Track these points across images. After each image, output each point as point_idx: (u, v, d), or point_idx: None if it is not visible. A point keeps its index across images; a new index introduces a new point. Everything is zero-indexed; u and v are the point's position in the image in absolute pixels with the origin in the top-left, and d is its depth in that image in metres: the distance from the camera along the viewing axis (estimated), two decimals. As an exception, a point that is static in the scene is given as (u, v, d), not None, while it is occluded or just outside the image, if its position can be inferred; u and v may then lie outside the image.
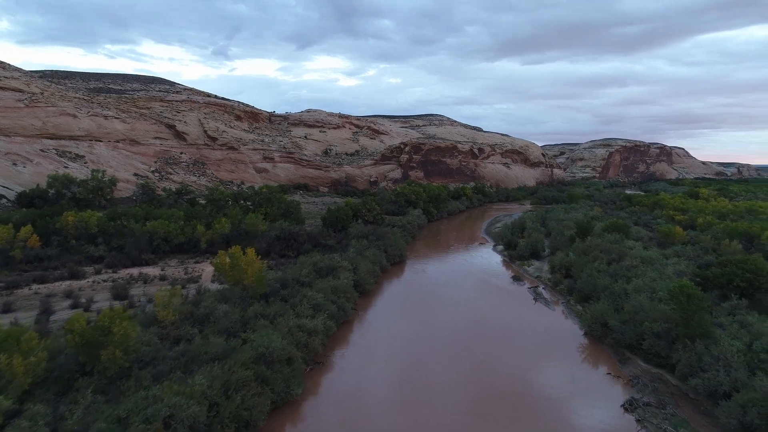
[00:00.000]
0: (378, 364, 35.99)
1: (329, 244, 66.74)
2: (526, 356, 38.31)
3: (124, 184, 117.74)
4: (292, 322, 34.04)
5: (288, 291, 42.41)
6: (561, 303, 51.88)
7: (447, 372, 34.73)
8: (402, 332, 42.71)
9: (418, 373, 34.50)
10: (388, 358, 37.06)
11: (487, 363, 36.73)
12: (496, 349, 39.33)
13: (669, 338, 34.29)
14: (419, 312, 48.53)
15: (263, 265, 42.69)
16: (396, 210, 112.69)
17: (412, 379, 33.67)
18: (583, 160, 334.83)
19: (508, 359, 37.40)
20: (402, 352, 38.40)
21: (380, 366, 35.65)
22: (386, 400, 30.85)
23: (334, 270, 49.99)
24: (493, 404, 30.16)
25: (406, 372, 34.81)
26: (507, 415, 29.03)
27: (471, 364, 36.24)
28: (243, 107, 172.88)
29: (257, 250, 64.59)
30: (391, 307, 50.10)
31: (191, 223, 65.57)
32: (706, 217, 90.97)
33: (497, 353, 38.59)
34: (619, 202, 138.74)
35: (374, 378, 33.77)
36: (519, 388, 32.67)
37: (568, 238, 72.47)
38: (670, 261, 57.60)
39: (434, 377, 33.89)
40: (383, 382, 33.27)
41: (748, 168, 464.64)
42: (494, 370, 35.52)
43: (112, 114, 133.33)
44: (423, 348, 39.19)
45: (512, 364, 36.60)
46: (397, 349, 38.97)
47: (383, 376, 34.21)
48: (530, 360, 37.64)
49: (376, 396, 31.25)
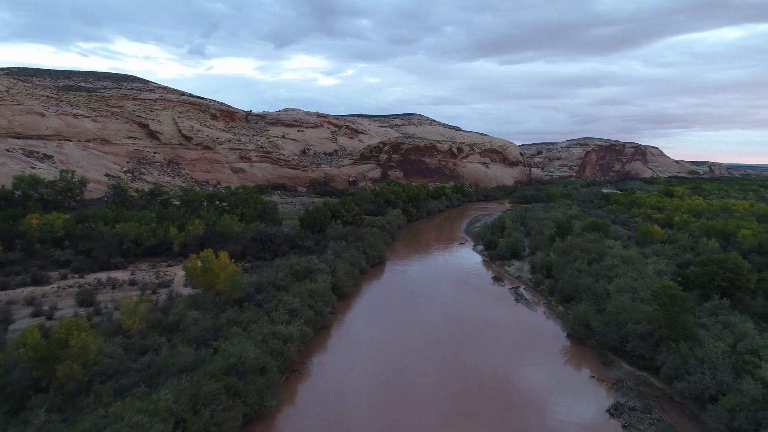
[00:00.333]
0: (357, 369, 34.71)
1: (307, 246, 65.20)
2: (508, 360, 37.45)
3: (95, 185, 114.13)
4: (267, 328, 32.55)
5: (263, 295, 40.83)
6: (542, 304, 51.28)
7: (428, 377, 33.64)
8: (381, 336, 41.52)
9: (398, 379, 33.34)
10: (368, 364, 35.82)
11: (468, 366, 35.75)
12: (477, 352, 38.38)
13: (653, 340, 33.74)
14: (399, 315, 47.39)
15: (237, 269, 41.01)
16: (375, 210, 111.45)
17: (391, 384, 32.49)
18: (560, 160, 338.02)
19: (490, 363, 36.46)
20: (381, 356, 37.20)
21: (359, 372, 34.37)
22: (366, 406, 29.61)
23: (312, 273, 48.54)
24: (475, 409, 29.15)
25: (385, 377, 33.62)
26: (491, 422, 28.03)
27: (452, 368, 35.21)
28: (219, 106, 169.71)
29: (232, 252, 63.02)
30: (370, 310, 48.87)
31: (163, 225, 63.37)
32: (683, 215, 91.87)
33: (478, 356, 37.63)
34: (596, 201, 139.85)
35: (353, 384, 32.48)
36: (502, 393, 31.75)
37: (548, 237, 72.15)
38: (650, 260, 57.53)
39: (414, 382, 32.76)
40: (362, 388, 32.01)
41: (720, 167, 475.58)
42: (476, 373, 34.54)
43: (83, 113, 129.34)
44: (403, 352, 38.04)
45: (494, 368, 35.68)
46: (377, 353, 37.75)
47: (362, 382, 32.94)
48: (513, 363, 36.79)
49: (356, 403, 29.98)
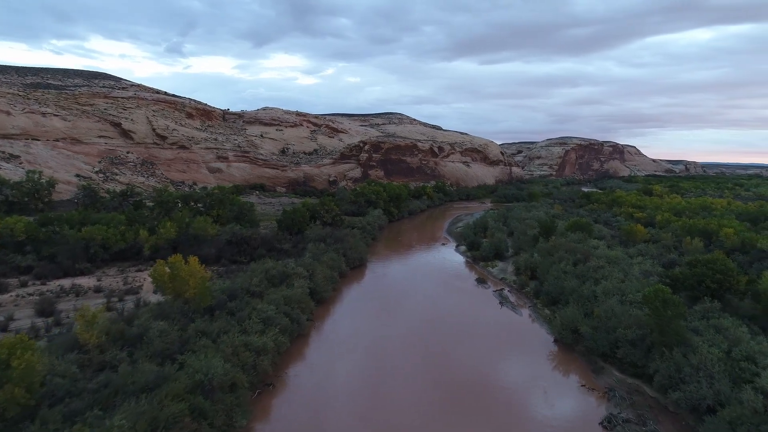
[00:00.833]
0: (335, 381, 32.69)
1: (284, 249, 62.87)
2: (493, 368, 35.81)
3: (65, 185, 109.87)
4: (238, 340, 30.33)
5: (236, 303, 38.52)
6: (528, 307, 49.81)
7: (411, 388, 31.78)
8: (361, 345, 39.51)
9: (378, 392, 31.42)
10: (347, 375, 33.82)
11: (452, 374, 34.00)
12: (461, 360, 36.65)
13: (644, 346, 32.40)
14: (379, 321, 45.44)
15: (208, 275, 38.63)
16: (356, 210, 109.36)
17: (372, 398, 30.56)
18: (540, 159, 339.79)
19: (475, 372, 34.75)
20: (361, 367, 35.24)
21: (338, 384, 32.35)
22: (345, 422, 27.59)
23: (289, 278, 46.34)
24: (460, 421, 27.37)
25: (365, 390, 31.68)
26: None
27: (436, 378, 33.41)
28: (195, 105, 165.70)
29: (206, 256, 60.41)
30: (349, 316, 46.79)
31: (133, 228, 60.48)
32: (664, 214, 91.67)
33: (462, 364, 35.90)
34: (577, 200, 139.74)
35: (331, 398, 30.45)
36: (489, 404, 30.03)
37: (531, 237, 70.94)
38: (635, 260, 56.58)
39: (396, 395, 30.88)
40: (341, 402, 29.99)
41: (695, 165, 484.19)
42: (461, 382, 32.77)
43: (51, 111, 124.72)
44: (384, 362, 36.13)
45: (479, 377, 33.97)
46: (356, 364, 35.78)
47: (341, 395, 30.93)
48: (498, 372, 35.16)
49: (334, 418, 27.95)
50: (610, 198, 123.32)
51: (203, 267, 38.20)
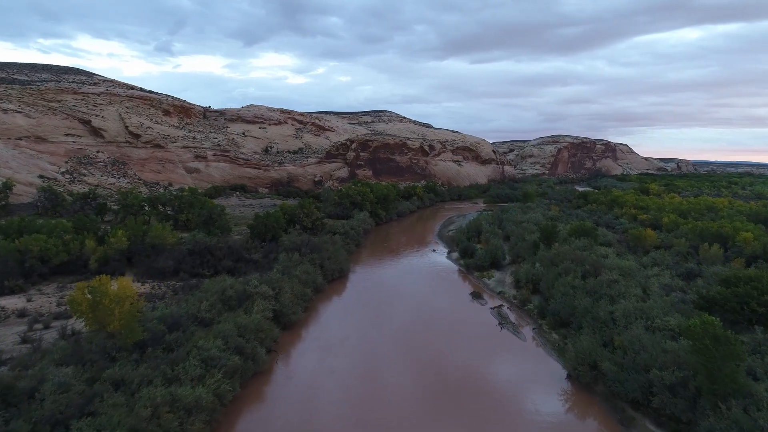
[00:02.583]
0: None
1: (254, 259, 55.43)
2: (494, 414, 28.74)
3: (26, 187, 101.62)
4: (161, 395, 22.93)
5: (178, 335, 31.12)
6: (531, 329, 42.78)
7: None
8: (332, 385, 32.24)
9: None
10: (310, 428, 26.63)
11: (445, 420, 26.95)
12: (454, 402, 29.55)
13: (688, 394, 25.45)
14: (356, 351, 38.12)
15: (140, 302, 31.20)
16: (340, 213, 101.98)
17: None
18: (532, 157, 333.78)
19: (472, 419, 27.70)
20: (332, 416, 28.02)
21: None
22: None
23: (250, 298, 38.97)
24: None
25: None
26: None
27: (425, 426, 26.33)
28: (172, 101, 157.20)
29: (163, 268, 53.06)
30: (320, 345, 39.16)
31: (79, 238, 52.84)
32: (669, 215, 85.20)
33: (456, 409, 28.83)
34: (574, 200, 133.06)
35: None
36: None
37: (531, 243, 64.00)
38: (651, 271, 49.84)
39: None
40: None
41: (686, 163, 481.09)
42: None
43: (14, 107, 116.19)
44: (360, 409, 28.99)
45: (478, 426, 26.91)
46: (326, 411, 28.57)
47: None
48: (502, 420, 28.10)
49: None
50: (609, 198, 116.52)
51: (136, 293, 30.81)
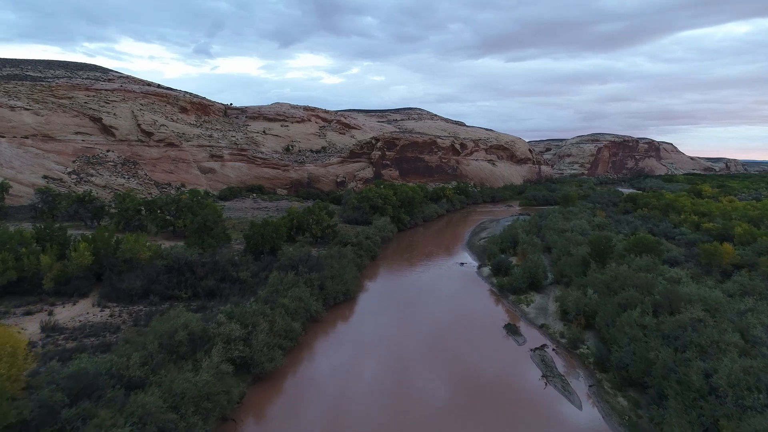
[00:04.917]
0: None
1: (241, 279, 46.07)
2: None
3: (27, 188, 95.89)
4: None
5: (86, 406, 21.66)
6: (587, 386, 31.88)
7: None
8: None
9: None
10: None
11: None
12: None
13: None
14: (347, 418, 28.12)
15: (27, 361, 21.90)
16: (359, 218, 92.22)
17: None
18: (570, 156, 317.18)
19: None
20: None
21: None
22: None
23: (211, 341, 29.42)
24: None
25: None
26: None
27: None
28: (190, 98, 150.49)
29: (130, 289, 44.28)
30: (298, 408, 29.24)
31: (36, 251, 44.56)
32: (741, 224, 72.05)
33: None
34: (621, 204, 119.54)
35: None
36: None
37: (579, 260, 52.78)
38: (742, 304, 38.12)
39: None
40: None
41: (735, 163, 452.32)
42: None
43: (22, 104, 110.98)
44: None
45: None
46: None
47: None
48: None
49: None
50: (663, 202, 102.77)
51: (23, 345, 21.51)
